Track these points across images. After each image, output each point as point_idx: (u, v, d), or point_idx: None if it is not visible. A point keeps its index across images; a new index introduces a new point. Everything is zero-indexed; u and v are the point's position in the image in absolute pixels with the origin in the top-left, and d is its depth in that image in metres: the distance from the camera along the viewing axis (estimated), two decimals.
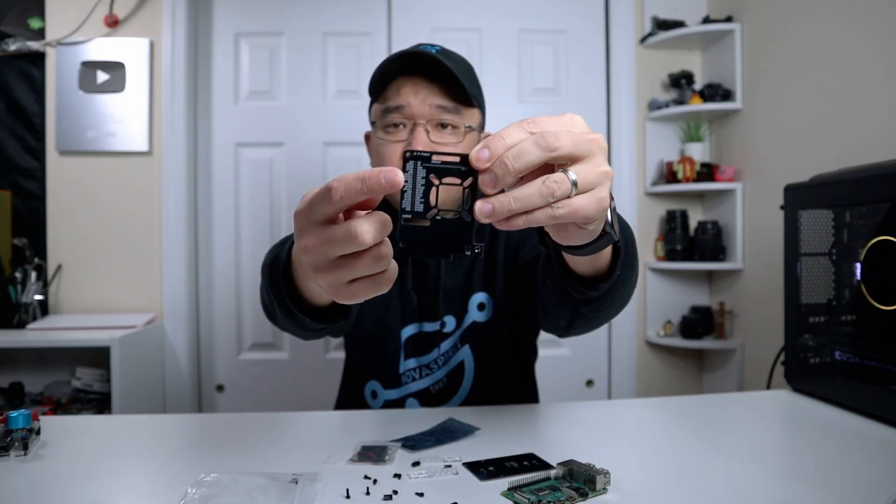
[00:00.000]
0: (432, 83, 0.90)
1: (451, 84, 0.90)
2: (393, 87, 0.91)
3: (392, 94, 0.91)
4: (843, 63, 1.55)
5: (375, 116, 0.94)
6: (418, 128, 0.89)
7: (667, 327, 2.17)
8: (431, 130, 0.90)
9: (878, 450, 0.71)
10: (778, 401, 0.95)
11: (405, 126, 0.91)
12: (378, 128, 0.93)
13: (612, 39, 2.18)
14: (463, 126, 0.92)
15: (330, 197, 0.42)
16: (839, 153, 1.53)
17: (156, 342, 1.99)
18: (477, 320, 0.99)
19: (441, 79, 0.90)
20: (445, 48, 0.93)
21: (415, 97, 0.89)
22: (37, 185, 2.02)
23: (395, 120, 0.91)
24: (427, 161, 0.44)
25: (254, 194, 2.15)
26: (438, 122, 0.90)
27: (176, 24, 2.03)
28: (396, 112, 0.90)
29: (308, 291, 0.66)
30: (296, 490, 0.57)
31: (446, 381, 1.01)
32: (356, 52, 2.16)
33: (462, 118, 0.92)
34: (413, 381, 1.00)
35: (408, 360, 1.00)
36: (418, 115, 0.89)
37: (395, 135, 0.91)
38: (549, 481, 0.59)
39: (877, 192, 0.83)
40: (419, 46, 0.91)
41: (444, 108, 0.90)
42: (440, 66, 0.87)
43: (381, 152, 0.92)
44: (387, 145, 0.91)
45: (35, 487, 0.60)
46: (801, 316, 0.97)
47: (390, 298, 1.00)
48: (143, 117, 2.03)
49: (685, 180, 2.06)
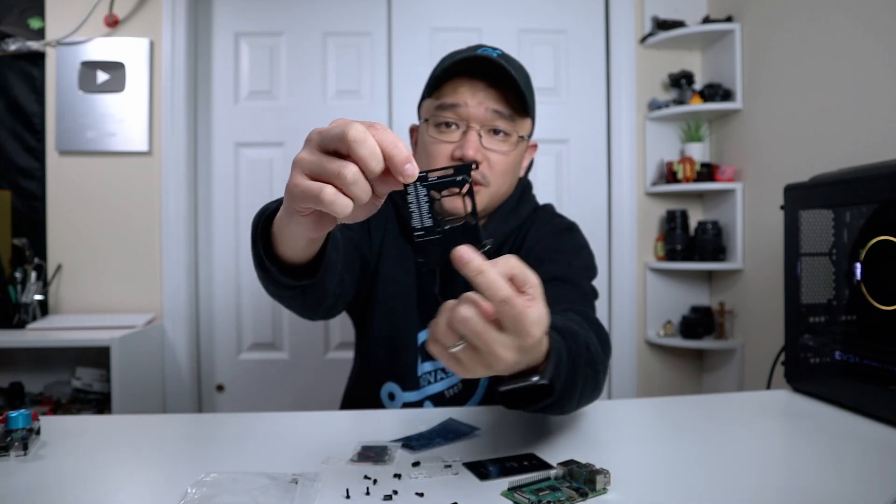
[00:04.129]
0: (490, 87, 0.88)
1: (509, 90, 0.88)
2: (450, 85, 0.89)
3: (448, 91, 0.89)
4: (844, 63, 1.55)
5: (428, 112, 0.92)
6: (471, 131, 0.88)
7: (667, 327, 2.17)
8: (484, 135, 0.89)
9: (878, 450, 0.71)
10: (778, 401, 0.95)
11: (458, 127, 0.89)
12: (430, 125, 0.91)
13: (612, 39, 2.18)
14: (516, 135, 0.91)
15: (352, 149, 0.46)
16: (839, 153, 1.53)
17: (156, 342, 1.99)
18: None
19: (500, 84, 0.88)
20: (506, 53, 0.91)
21: (472, 98, 0.87)
22: (37, 185, 2.02)
23: (449, 119, 0.89)
24: (425, 180, 0.49)
25: (254, 194, 2.15)
26: (492, 127, 0.89)
27: (176, 24, 2.03)
28: (450, 110, 0.88)
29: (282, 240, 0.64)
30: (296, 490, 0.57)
31: (461, 386, 1.01)
32: (356, 52, 2.16)
33: (515, 127, 0.91)
34: (430, 384, 1.00)
35: (424, 363, 1.00)
36: (473, 116, 0.88)
37: (447, 135, 0.89)
38: (549, 481, 0.59)
39: (877, 192, 0.83)
40: (480, 48, 0.89)
41: (499, 114, 0.88)
42: (502, 70, 0.86)
43: (430, 151, 0.90)
44: (438, 144, 0.89)
45: (35, 487, 0.60)
46: (801, 316, 0.97)
47: (408, 302, 1.00)
48: (143, 117, 2.03)
49: (685, 180, 2.06)
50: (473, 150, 0.87)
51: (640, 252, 2.21)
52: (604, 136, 2.22)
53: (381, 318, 1.00)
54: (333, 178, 0.47)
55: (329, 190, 0.47)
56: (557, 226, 1.03)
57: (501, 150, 0.90)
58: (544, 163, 2.20)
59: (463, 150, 0.87)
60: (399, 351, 1.00)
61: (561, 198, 2.21)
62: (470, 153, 0.87)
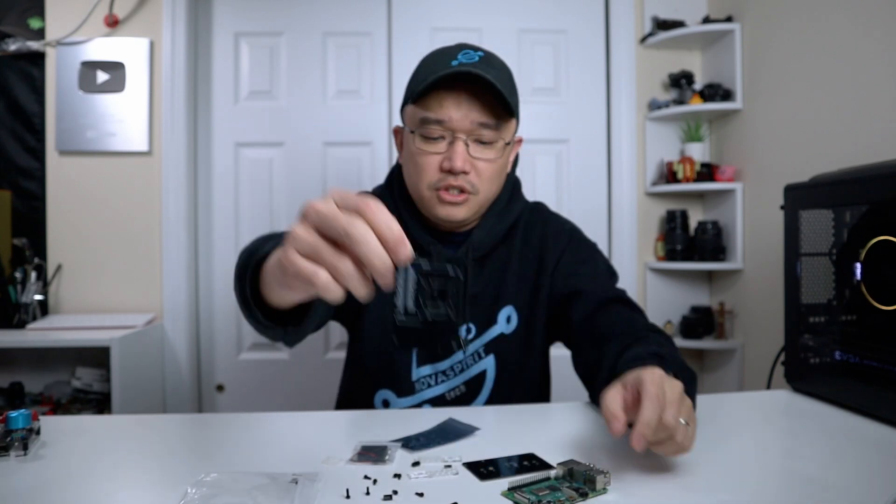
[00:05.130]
0: (474, 97, 0.89)
1: (493, 97, 0.89)
2: (434, 97, 0.89)
3: (434, 104, 0.89)
4: (844, 63, 1.55)
5: (413, 123, 0.93)
6: (458, 142, 0.89)
7: (667, 327, 2.17)
8: (471, 144, 0.90)
9: (878, 450, 0.71)
10: (778, 401, 0.95)
11: (444, 138, 0.90)
12: (416, 135, 0.92)
13: (612, 39, 2.18)
14: (502, 142, 0.93)
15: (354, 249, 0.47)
16: (839, 153, 1.53)
17: (156, 342, 1.99)
18: (504, 332, 1.00)
19: (484, 91, 0.89)
20: (488, 53, 0.92)
21: (457, 111, 0.88)
22: (37, 185, 2.02)
23: (434, 133, 0.90)
24: (418, 267, 0.49)
25: (254, 194, 2.15)
26: (477, 137, 0.91)
27: (176, 24, 2.03)
28: (436, 124, 0.89)
29: (269, 290, 0.65)
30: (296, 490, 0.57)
31: (464, 388, 1.00)
32: (356, 52, 2.16)
33: (501, 133, 0.92)
34: (428, 388, 1.00)
35: (421, 367, 1.00)
36: (459, 129, 0.89)
37: (433, 146, 0.91)
38: (549, 481, 0.59)
39: (877, 192, 0.83)
40: (462, 51, 0.90)
41: (484, 125, 0.90)
42: (485, 80, 0.86)
43: (417, 161, 0.92)
44: (425, 156, 0.91)
45: (35, 487, 0.60)
46: (801, 316, 0.97)
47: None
48: (143, 117, 2.03)
49: (685, 180, 2.06)
50: (461, 161, 0.89)
51: (640, 252, 2.21)
52: (604, 136, 2.22)
53: (373, 326, 1.00)
54: (329, 268, 0.48)
55: (323, 276, 0.48)
56: (569, 233, 1.06)
57: (488, 158, 0.92)
58: (544, 163, 2.20)
59: (451, 161, 0.89)
60: (391, 359, 0.99)
61: (561, 198, 2.21)
62: (458, 164, 0.89)
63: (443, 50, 0.94)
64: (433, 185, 0.91)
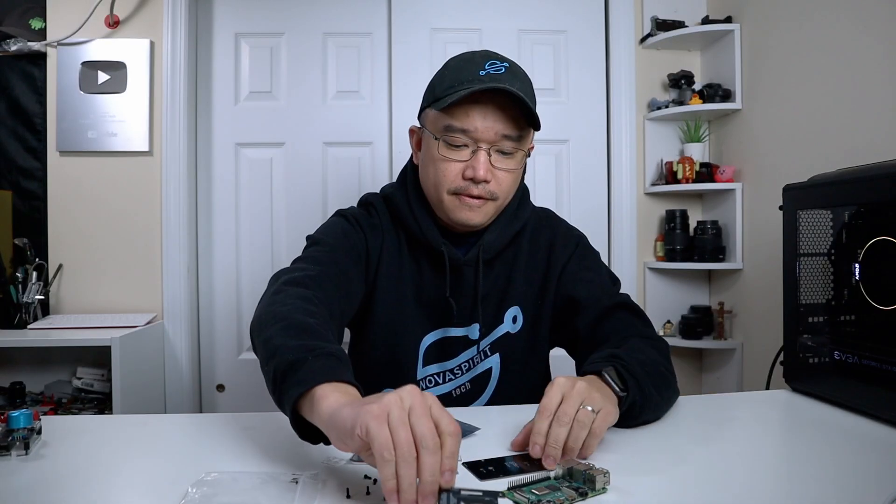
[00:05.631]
0: (500, 108, 0.90)
1: (518, 109, 0.91)
2: (461, 106, 0.90)
3: (460, 114, 0.90)
4: (843, 63, 1.55)
5: (436, 128, 0.94)
6: (481, 151, 0.91)
7: (666, 327, 2.17)
8: (493, 154, 0.92)
9: (877, 450, 0.71)
10: (777, 401, 0.95)
11: (467, 146, 0.92)
12: (440, 141, 0.93)
13: (612, 40, 2.18)
14: (522, 153, 0.95)
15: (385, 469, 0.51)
16: (839, 153, 1.53)
17: (156, 342, 1.99)
18: (510, 331, 1.03)
19: (510, 103, 0.90)
20: (512, 63, 0.93)
21: (482, 122, 0.90)
22: (38, 185, 2.02)
23: (458, 141, 0.92)
24: (457, 496, 0.54)
25: (254, 194, 2.15)
26: (500, 148, 0.92)
27: (176, 25, 2.03)
28: (461, 133, 0.91)
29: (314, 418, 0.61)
30: (296, 490, 0.57)
31: (470, 386, 1.03)
32: (356, 52, 2.16)
33: (521, 144, 0.94)
34: (435, 386, 1.02)
35: (428, 366, 1.02)
36: (483, 139, 0.91)
37: (457, 153, 0.92)
38: (549, 481, 0.59)
39: (876, 192, 0.84)
40: (489, 62, 0.91)
41: (507, 137, 0.91)
42: (511, 94, 0.88)
43: (440, 168, 0.93)
44: (448, 163, 0.93)
45: (36, 487, 0.60)
46: (800, 316, 0.97)
47: (407, 307, 1.01)
48: (143, 117, 2.03)
49: (685, 180, 2.07)
50: (484, 170, 0.91)
51: (640, 252, 2.21)
52: (603, 136, 2.22)
53: (379, 328, 1.01)
54: (399, 477, 0.51)
55: (390, 484, 0.50)
56: (577, 240, 1.08)
57: (508, 168, 0.94)
58: (544, 163, 2.20)
59: (474, 171, 0.91)
60: (398, 357, 1.01)
61: (561, 198, 2.21)
62: (481, 174, 0.91)
63: (467, 57, 0.95)
64: (453, 190, 0.93)
